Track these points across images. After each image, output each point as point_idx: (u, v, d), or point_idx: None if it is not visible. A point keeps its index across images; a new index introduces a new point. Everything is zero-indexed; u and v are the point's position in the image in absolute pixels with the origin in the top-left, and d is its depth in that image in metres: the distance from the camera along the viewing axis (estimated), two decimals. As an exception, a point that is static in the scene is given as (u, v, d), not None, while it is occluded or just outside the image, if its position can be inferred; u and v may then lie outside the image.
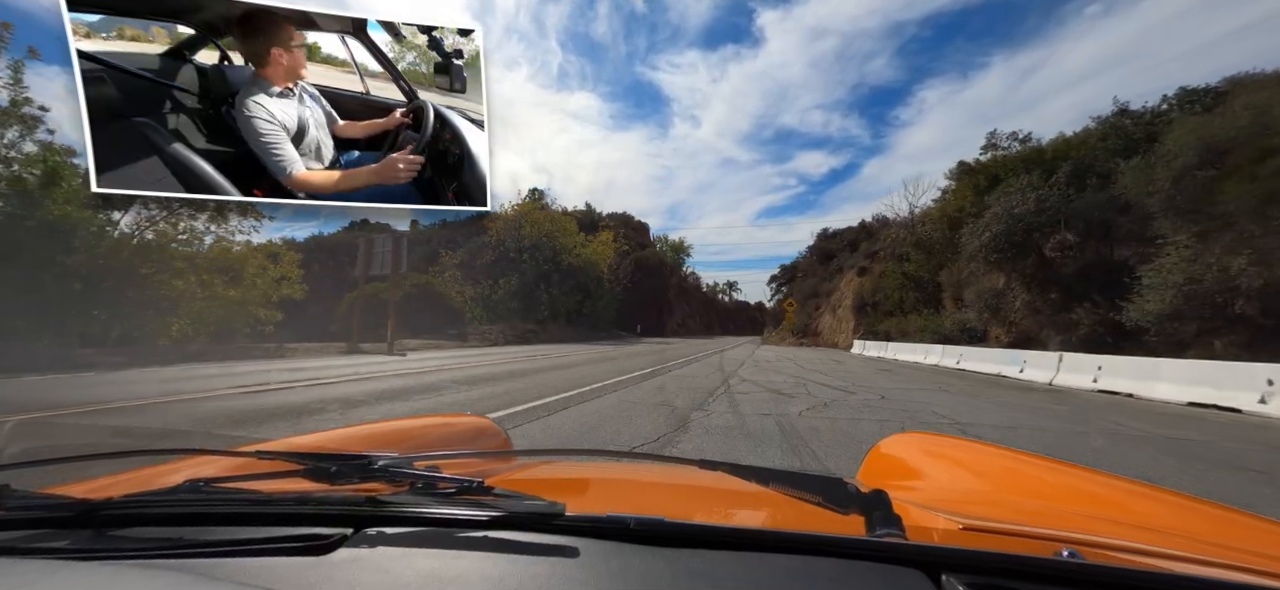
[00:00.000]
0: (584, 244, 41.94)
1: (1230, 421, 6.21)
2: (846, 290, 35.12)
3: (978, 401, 7.54)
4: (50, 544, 0.59)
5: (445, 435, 1.43)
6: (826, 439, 4.42)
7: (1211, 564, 0.58)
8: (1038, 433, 5.15)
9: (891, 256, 29.80)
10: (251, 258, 17.14)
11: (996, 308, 19.11)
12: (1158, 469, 3.85)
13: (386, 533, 0.59)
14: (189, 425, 4.56)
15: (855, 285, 33.44)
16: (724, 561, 0.53)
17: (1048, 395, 8.64)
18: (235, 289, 16.26)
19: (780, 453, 3.94)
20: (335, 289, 30.10)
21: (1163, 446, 4.63)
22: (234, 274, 16.37)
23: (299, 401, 5.82)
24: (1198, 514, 0.86)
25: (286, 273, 18.33)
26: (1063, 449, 4.47)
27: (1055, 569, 0.49)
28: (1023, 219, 17.36)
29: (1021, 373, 11.84)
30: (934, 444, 1.36)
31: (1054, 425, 5.63)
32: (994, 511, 0.85)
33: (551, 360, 13.13)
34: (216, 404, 5.65)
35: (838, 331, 33.72)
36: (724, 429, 4.78)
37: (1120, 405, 7.52)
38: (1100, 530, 0.72)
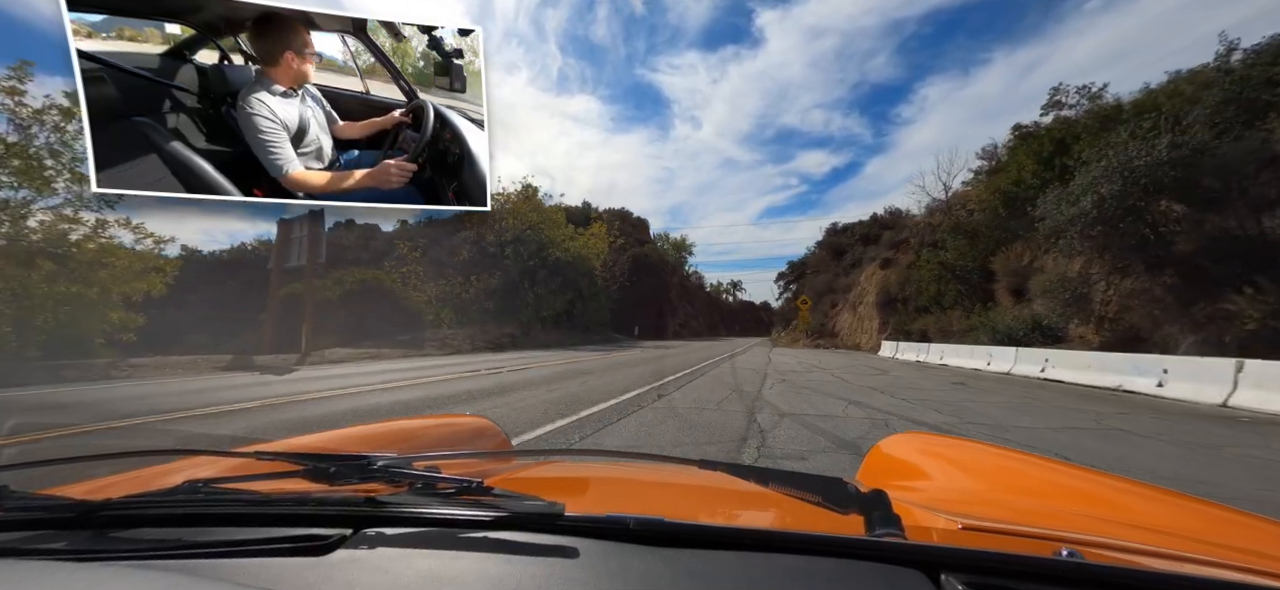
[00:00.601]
0: (573, 237, 36.32)
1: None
2: (868, 285, 31.56)
3: (1202, 455, 4.39)
4: (49, 545, 0.61)
5: (445, 435, 1.45)
6: None
7: (1211, 564, 0.58)
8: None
9: (922, 245, 26.03)
10: (116, 253, 12.86)
11: (1083, 298, 14.75)
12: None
13: (386, 533, 0.59)
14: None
15: (878, 279, 29.85)
16: (724, 562, 0.53)
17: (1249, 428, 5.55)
18: (75, 285, 11.88)
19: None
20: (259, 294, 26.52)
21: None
22: (79, 266, 12.06)
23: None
24: (1198, 514, 0.86)
25: (153, 264, 13.66)
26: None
27: (1055, 569, 0.49)
28: (1144, 175, 12.45)
29: (1160, 387, 8.31)
30: (933, 444, 1.38)
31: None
32: (993, 511, 0.86)
33: (500, 377, 9.64)
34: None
35: (859, 331, 30.43)
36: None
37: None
38: (1100, 530, 0.73)
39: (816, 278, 42.90)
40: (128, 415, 5.23)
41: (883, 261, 30.82)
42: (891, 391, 8.37)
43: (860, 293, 32.64)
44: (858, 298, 32.82)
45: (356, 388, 7.91)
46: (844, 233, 44.73)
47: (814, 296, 39.68)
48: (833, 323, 35.31)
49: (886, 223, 38.32)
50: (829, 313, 36.76)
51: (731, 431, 4.78)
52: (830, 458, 3.93)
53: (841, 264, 40.40)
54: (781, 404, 6.52)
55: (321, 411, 5.62)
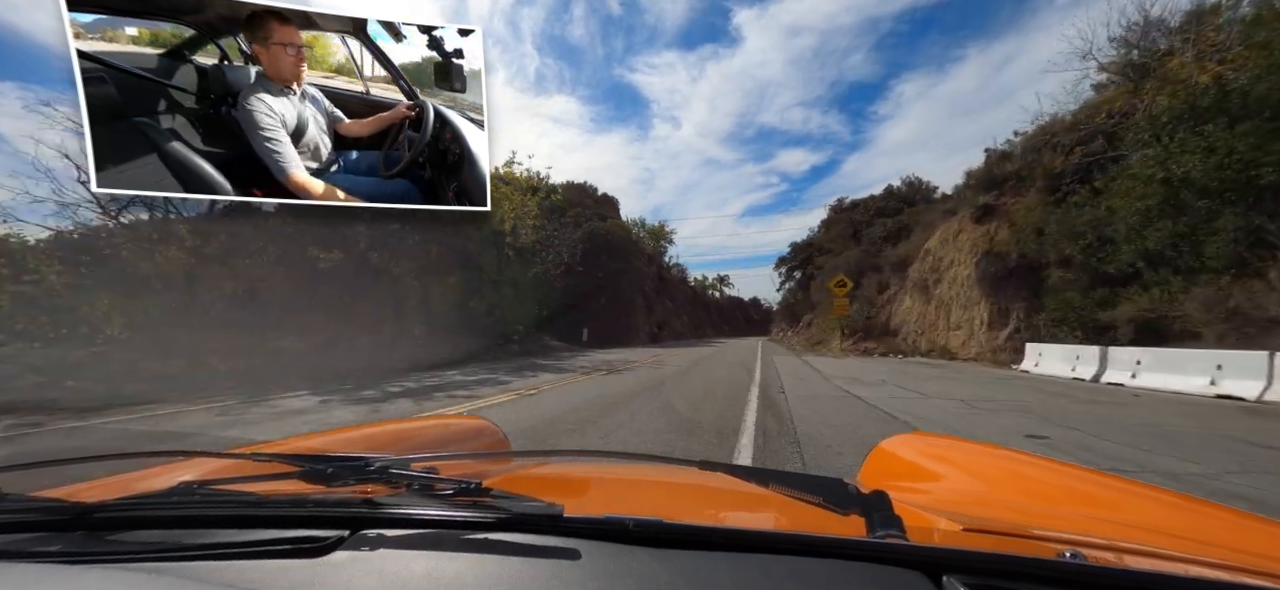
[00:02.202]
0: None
1: None
2: (954, 251, 19.83)
3: None
4: (44, 547, 0.60)
5: (443, 436, 1.45)
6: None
7: (1212, 565, 0.58)
8: None
9: (1092, 164, 13.81)
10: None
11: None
12: None
13: (383, 535, 0.59)
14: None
15: (976, 240, 18.16)
16: (723, 563, 0.53)
17: None
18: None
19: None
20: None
21: None
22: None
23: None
24: (1198, 514, 0.86)
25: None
26: None
27: (1056, 570, 0.49)
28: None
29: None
30: (934, 445, 1.37)
31: None
32: (995, 513, 0.86)
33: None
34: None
35: (942, 327, 19.30)
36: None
37: None
38: (1101, 531, 0.73)
39: (835, 258, 32.21)
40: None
41: (979, 212, 18.96)
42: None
43: (933, 265, 21.22)
44: (930, 272, 21.29)
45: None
46: (855, 209, 36.86)
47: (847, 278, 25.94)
48: (885, 315, 24.64)
49: (904, 197, 31.97)
50: (876, 301, 25.78)
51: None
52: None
53: (866, 241, 31.37)
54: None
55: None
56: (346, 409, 6.89)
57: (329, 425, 6.34)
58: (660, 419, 5.56)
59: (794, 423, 5.42)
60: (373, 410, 6.87)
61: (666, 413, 5.96)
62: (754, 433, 4.90)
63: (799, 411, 6.11)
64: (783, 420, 5.57)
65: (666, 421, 5.43)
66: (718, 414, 5.86)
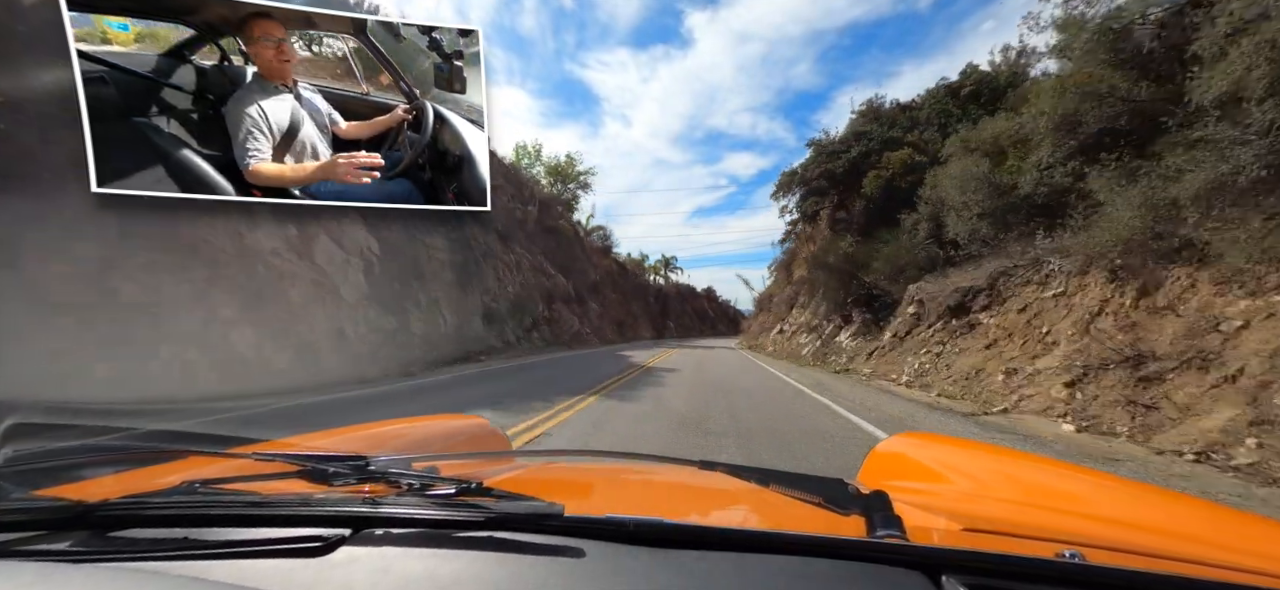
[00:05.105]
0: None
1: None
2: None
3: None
4: (47, 546, 0.61)
5: (443, 436, 1.44)
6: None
7: (1211, 565, 0.59)
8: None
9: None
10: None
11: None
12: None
13: (384, 534, 0.59)
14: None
15: None
16: (724, 563, 0.53)
17: None
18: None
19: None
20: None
21: None
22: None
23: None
24: (1198, 514, 0.86)
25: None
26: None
27: (1056, 570, 0.49)
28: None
29: None
30: (934, 445, 1.37)
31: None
32: (995, 512, 0.87)
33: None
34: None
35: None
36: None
37: None
38: (1101, 531, 0.73)
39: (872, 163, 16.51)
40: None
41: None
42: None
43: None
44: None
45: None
46: (906, 109, 19.32)
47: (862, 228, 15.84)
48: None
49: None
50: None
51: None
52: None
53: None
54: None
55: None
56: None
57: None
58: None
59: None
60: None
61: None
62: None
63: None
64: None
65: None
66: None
